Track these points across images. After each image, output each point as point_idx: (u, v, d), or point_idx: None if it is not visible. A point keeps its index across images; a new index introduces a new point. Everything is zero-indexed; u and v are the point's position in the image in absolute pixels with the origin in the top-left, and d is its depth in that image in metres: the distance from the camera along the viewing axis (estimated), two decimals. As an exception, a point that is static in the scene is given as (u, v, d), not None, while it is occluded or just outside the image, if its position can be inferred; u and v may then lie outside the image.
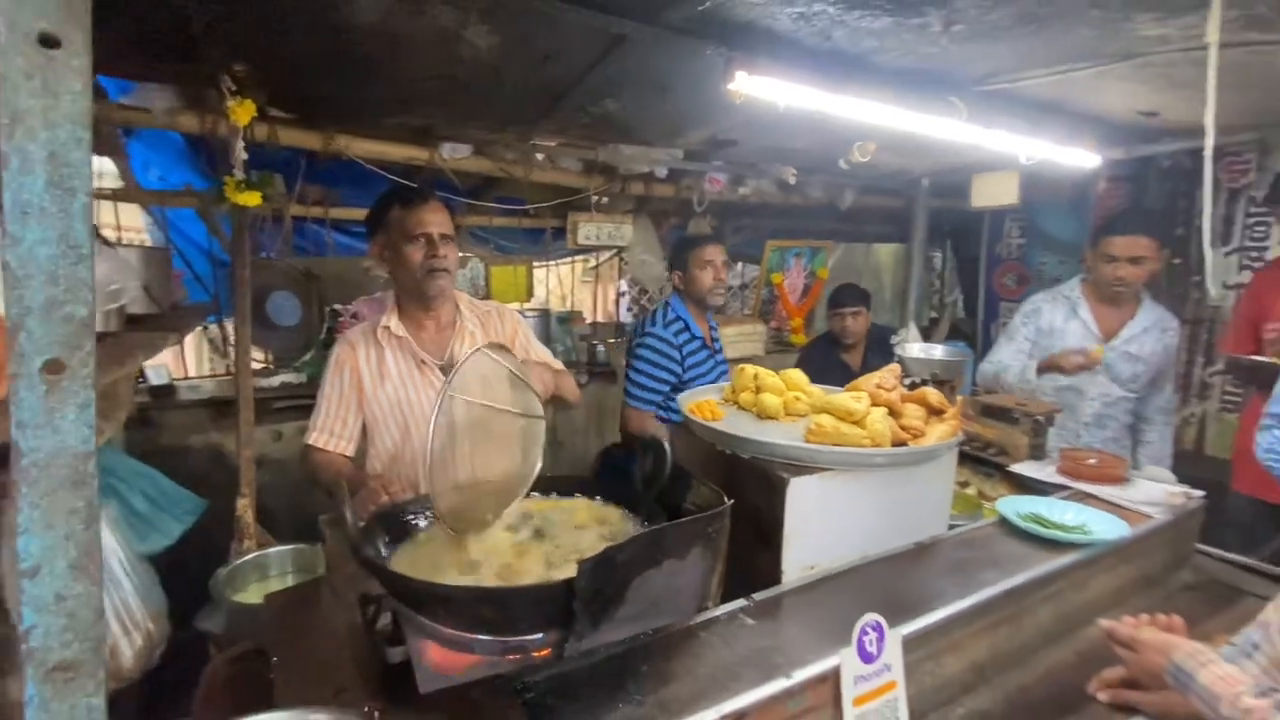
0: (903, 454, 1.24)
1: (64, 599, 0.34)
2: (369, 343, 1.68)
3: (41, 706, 0.34)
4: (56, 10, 0.32)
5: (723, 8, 1.10)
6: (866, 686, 0.98)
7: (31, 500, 0.33)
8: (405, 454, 1.66)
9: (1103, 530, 1.41)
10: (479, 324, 1.86)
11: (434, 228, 1.62)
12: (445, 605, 0.93)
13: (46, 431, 0.33)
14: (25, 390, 0.32)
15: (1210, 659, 0.97)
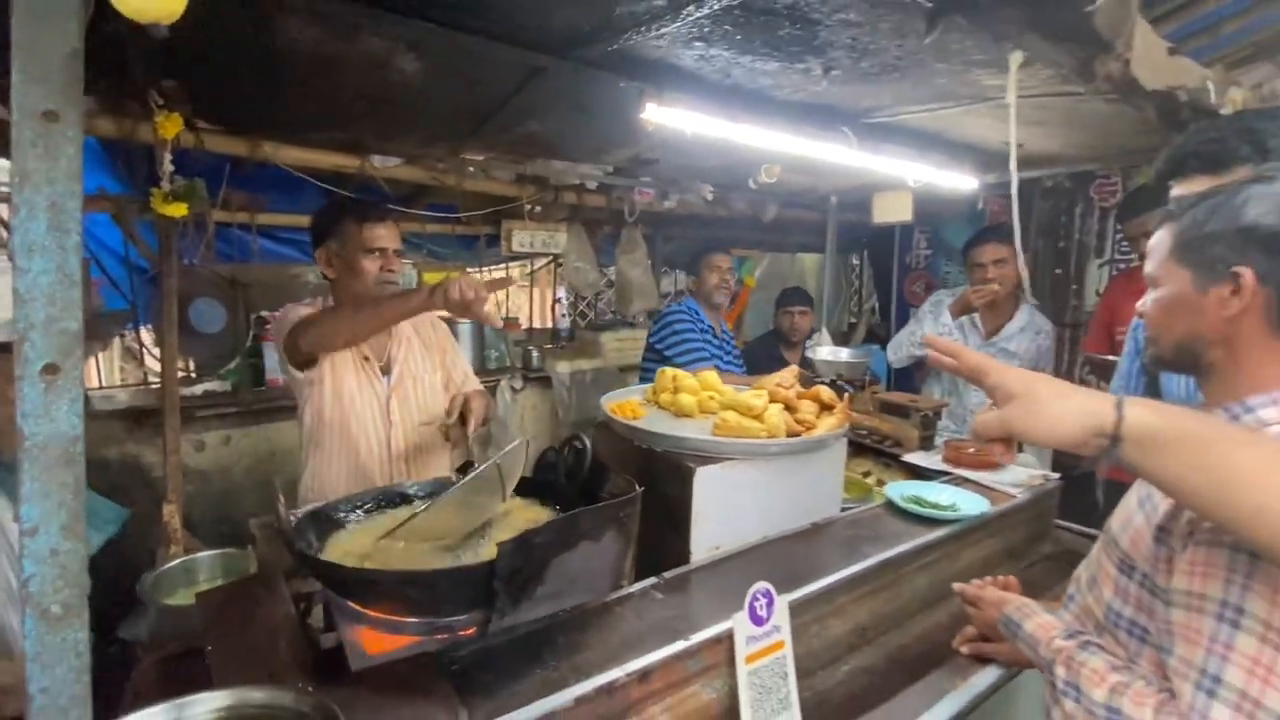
0: (795, 444, 1.41)
1: (57, 553, 0.43)
2: None
3: (38, 640, 0.42)
4: (57, 93, 0.40)
5: (632, 47, 1.23)
6: (757, 646, 1.13)
7: (32, 475, 0.41)
8: (343, 446, 1.73)
9: (969, 508, 1.62)
10: (414, 330, 1.93)
11: (389, 243, 1.70)
12: (375, 589, 1.01)
13: (45, 420, 0.41)
14: (28, 388, 0.40)
15: (1033, 611, 1.16)
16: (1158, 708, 0.81)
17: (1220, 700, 0.75)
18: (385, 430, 1.82)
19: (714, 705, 1.11)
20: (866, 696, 1.26)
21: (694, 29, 1.07)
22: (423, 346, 1.94)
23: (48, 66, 0.40)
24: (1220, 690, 0.75)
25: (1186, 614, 0.81)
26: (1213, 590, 0.79)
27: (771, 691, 1.14)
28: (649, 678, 1.01)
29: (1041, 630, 1.08)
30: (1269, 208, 0.83)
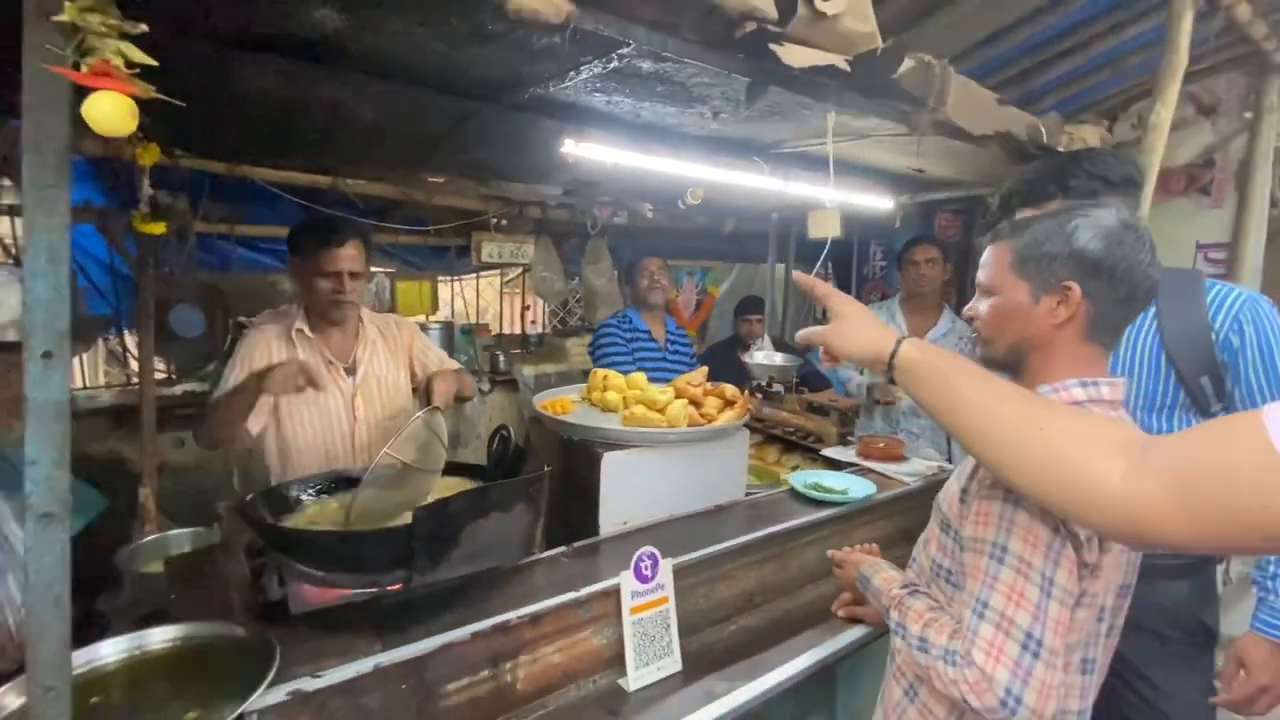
0: (691, 432, 1.62)
1: (49, 478, 0.62)
2: (283, 339, 1.91)
3: (34, 538, 0.62)
4: (53, 173, 0.61)
5: (545, 95, 1.43)
6: (641, 600, 1.33)
7: (34, 426, 0.61)
8: (307, 440, 1.90)
9: (856, 492, 1.84)
10: (379, 333, 2.10)
11: (346, 265, 1.82)
12: (312, 546, 1.21)
13: (43, 389, 0.60)
14: (32, 367, 0.60)
15: (882, 568, 1.37)
16: (951, 635, 1.02)
17: (987, 620, 0.96)
18: (350, 425, 2.00)
19: (604, 650, 1.32)
20: (745, 649, 1.47)
21: (589, 84, 1.28)
22: (387, 348, 2.11)
23: (46, 157, 0.60)
24: (987, 613, 0.96)
25: (972, 556, 1.02)
26: (988, 535, 0.99)
27: (655, 639, 1.34)
28: (540, 621, 1.22)
29: (885, 583, 1.29)
30: (1093, 235, 1.02)
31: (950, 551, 1.13)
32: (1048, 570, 0.94)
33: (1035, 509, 0.95)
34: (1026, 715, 0.92)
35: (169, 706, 0.94)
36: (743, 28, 0.93)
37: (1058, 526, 0.95)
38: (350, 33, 1.04)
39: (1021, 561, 0.96)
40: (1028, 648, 0.93)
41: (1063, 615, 0.95)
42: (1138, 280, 0.99)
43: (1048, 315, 1.05)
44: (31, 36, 0.58)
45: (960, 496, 1.10)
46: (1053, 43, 2.52)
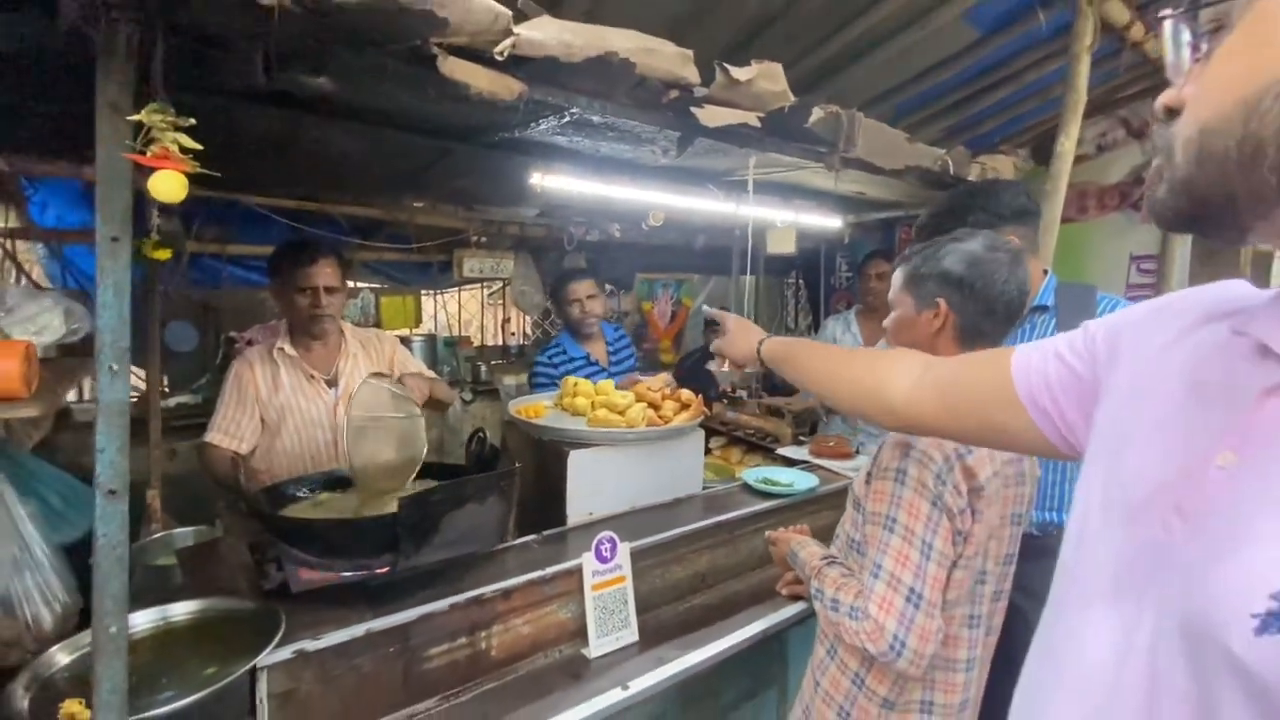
0: (648, 432, 1.81)
1: (114, 462, 0.80)
2: (265, 360, 2.06)
3: (102, 506, 0.80)
4: (119, 226, 0.79)
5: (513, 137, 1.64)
6: (601, 579, 1.52)
7: (104, 422, 0.79)
8: (292, 448, 2.06)
9: (801, 485, 2.04)
10: (360, 346, 2.27)
11: (320, 281, 1.98)
12: (308, 533, 1.38)
13: (111, 393, 0.79)
14: (103, 377, 0.78)
15: (808, 544, 1.55)
16: (855, 595, 1.22)
17: (880, 579, 1.16)
18: (332, 434, 2.17)
19: (569, 623, 1.50)
20: (697, 623, 1.66)
21: (549, 131, 1.48)
22: (369, 361, 2.28)
23: (114, 212, 0.79)
24: (880, 573, 1.16)
25: (871, 527, 1.22)
26: (883, 509, 1.19)
27: (614, 613, 1.53)
28: (511, 595, 1.40)
29: (809, 556, 1.47)
30: (957, 260, 1.26)
31: (859, 525, 1.33)
32: (927, 537, 1.15)
33: (918, 486, 1.15)
34: (910, 655, 1.12)
35: (190, 664, 1.11)
36: (668, 95, 1.13)
37: (935, 500, 1.15)
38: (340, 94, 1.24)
39: (907, 530, 1.16)
40: (911, 600, 1.13)
41: (939, 574, 1.15)
42: (995, 295, 1.21)
43: (927, 324, 1.27)
44: (104, 128, 0.77)
45: (866, 478, 1.30)
46: (985, 75, 2.78)
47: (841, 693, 1.30)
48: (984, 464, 1.18)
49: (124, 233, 0.78)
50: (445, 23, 0.80)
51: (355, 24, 0.79)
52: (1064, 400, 0.69)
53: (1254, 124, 0.43)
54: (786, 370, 1.24)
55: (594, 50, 0.96)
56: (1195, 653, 0.44)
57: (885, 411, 0.96)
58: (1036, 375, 0.72)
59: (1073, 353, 0.69)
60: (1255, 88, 0.43)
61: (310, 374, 2.10)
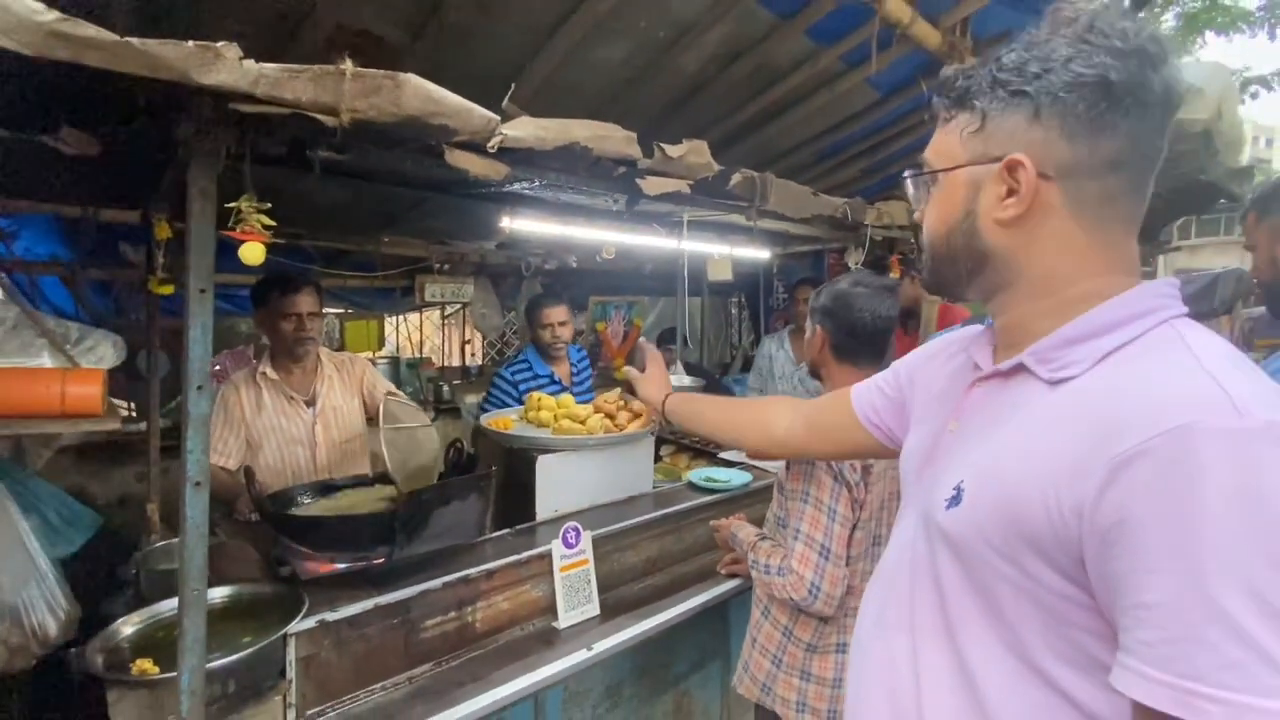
0: (605, 438, 2.11)
1: (199, 460, 1.04)
2: (249, 384, 2.27)
3: (189, 498, 1.04)
4: (205, 279, 1.04)
5: (485, 191, 1.93)
6: (568, 561, 1.80)
7: (193, 428, 1.03)
8: (275, 464, 2.25)
9: (736, 481, 2.37)
10: (335, 369, 2.48)
11: (304, 308, 2.22)
12: (313, 528, 1.61)
13: (198, 406, 1.03)
14: (191, 393, 1.03)
15: (745, 527, 1.87)
16: (782, 558, 1.54)
17: (799, 540, 1.48)
18: (311, 449, 2.36)
19: (541, 600, 1.77)
20: (649, 599, 1.95)
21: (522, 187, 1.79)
22: (342, 382, 2.49)
23: (202, 272, 1.04)
24: (800, 535, 1.48)
25: (791, 502, 1.55)
26: (799, 486, 1.52)
27: (579, 591, 1.81)
28: (493, 576, 1.66)
29: (746, 535, 1.79)
30: (827, 296, 1.62)
31: (781, 504, 1.66)
32: (831, 503, 1.48)
33: (824, 466, 1.49)
34: (823, 598, 1.45)
35: (230, 633, 1.33)
36: (617, 170, 1.46)
37: (837, 475, 1.49)
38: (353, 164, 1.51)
39: (817, 500, 1.49)
40: (822, 554, 1.46)
41: (842, 533, 1.48)
42: (854, 321, 1.57)
43: (816, 347, 1.63)
44: (195, 209, 1.02)
45: (787, 465, 1.64)
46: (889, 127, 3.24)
47: (774, 644, 1.61)
48: None
49: (209, 285, 1.04)
50: (454, 130, 1.10)
51: (387, 133, 1.07)
52: (887, 417, 1.04)
53: (950, 243, 0.76)
54: (687, 424, 1.56)
55: (561, 140, 1.27)
56: (927, 529, 0.78)
57: (770, 443, 1.34)
58: (867, 404, 1.08)
59: (888, 385, 1.05)
60: (947, 225, 0.76)
61: (290, 395, 2.31)
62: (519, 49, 2.03)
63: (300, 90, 0.94)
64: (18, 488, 1.97)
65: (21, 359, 1.15)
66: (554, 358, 2.95)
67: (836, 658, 1.57)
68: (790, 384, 3.62)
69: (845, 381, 1.63)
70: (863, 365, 1.64)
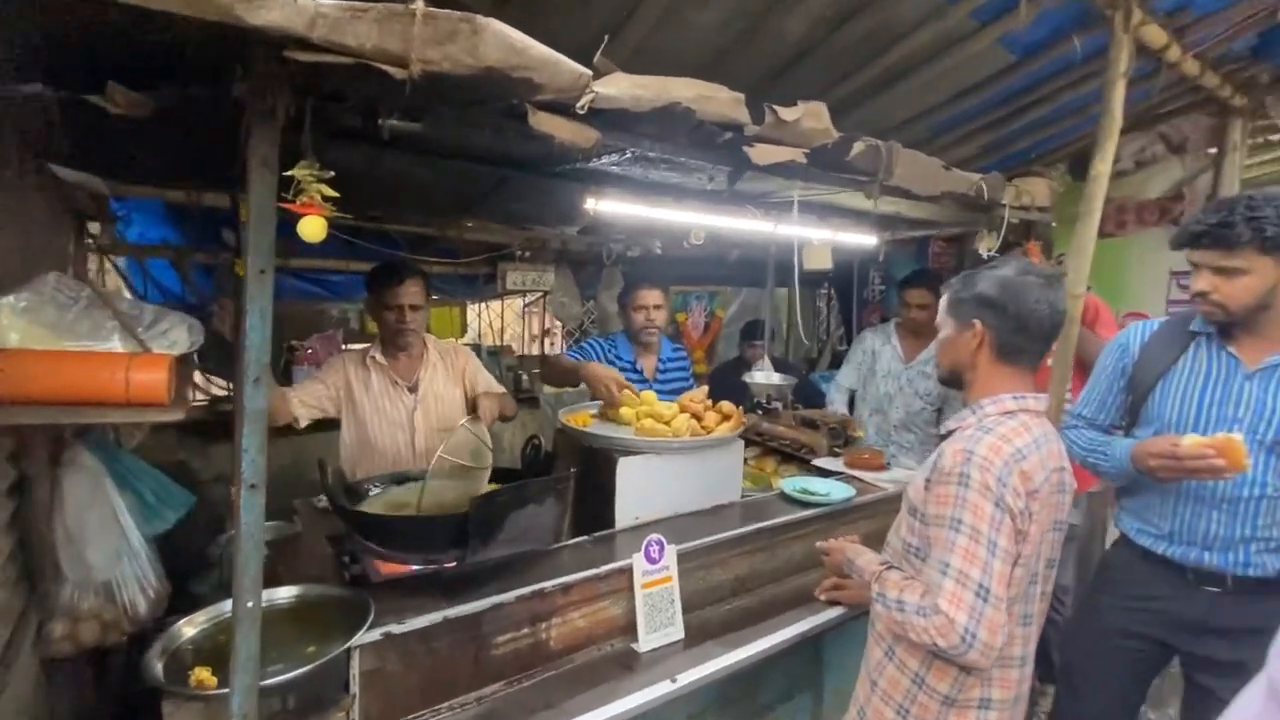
0: (692, 441, 1.92)
1: (255, 460, 0.94)
2: (360, 364, 2.31)
3: (245, 498, 0.94)
4: (265, 259, 0.94)
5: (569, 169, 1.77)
6: (650, 577, 1.63)
7: (249, 426, 0.93)
8: (376, 442, 2.26)
9: (837, 495, 2.12)
10: (440, 357, 2.47)
11: (405, 300, 2.20)
12: (385, 529, 1.52)
13: (254, 401, 0.93)
14: (248, 386, 0.92)
15: (863, 551, 1.61)
16: (922, 595, 1.29)
17: (949, 577, 1.22)
18: (410, 435, 2.36)
19: (620, 617, 1.61)
20: (737, 624, 1.75)
21: (609, 163, 1.61)
22: (445, 371, 2.47)
23: (262, 250, 0.94)
24: (949, 571, 1.23)
25: (935, 529, 1.29)
26: (947, 511, 1.26)
27: (661, 611, 1.64)
28: (570, 591, 1.52)
29: (867, 563, 1.54)
30: (991, 284, 1.34)
31: (917, 530, 1.39)
32: (992, 535, 1.22)
33: (981, 489, 1.23)
34: (980, 648, 1.19)
35: (292, 641, 1.25)
36: (723, 136, 1.25)
37: (998, 501, 1.22)
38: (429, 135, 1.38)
39: (973, 529, 1.23)
40: (980, 595, 1.20)
41: (1004, 570, 1.22)
42: (1026, 314, 1.28)
43: (967, 344, 1.35)
44: (255, 180, 0.91)
45: (924, 485, 1.37)
46: (1020, 96, 2.84)
47: (901, 692, 1.36)
48: (1037, 470, 1.26)
49: (269, 265, 0.93)
50: (540, 86, 0.93)
51: (463, 88, 0.92)
52: None
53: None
54: None
55: (660, 101, 1.08)
56: None
57: None
58: None
59: None
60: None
61: (395, 380, 2.33)
62: (609, 13, 1.85)
63: (364, 34, 0.80)
64: (115, 465, 2.02)
65: (90, 342, 1.10)
66: (645, 345, 2.80)
67: (980, 714, 1.31)
68: (895, 384, 3.27)
69: (1002, 387, 1.35)
70: (1024, 368, 1.36)
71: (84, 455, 1.90)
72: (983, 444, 1.26)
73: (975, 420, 1.35)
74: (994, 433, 1.28)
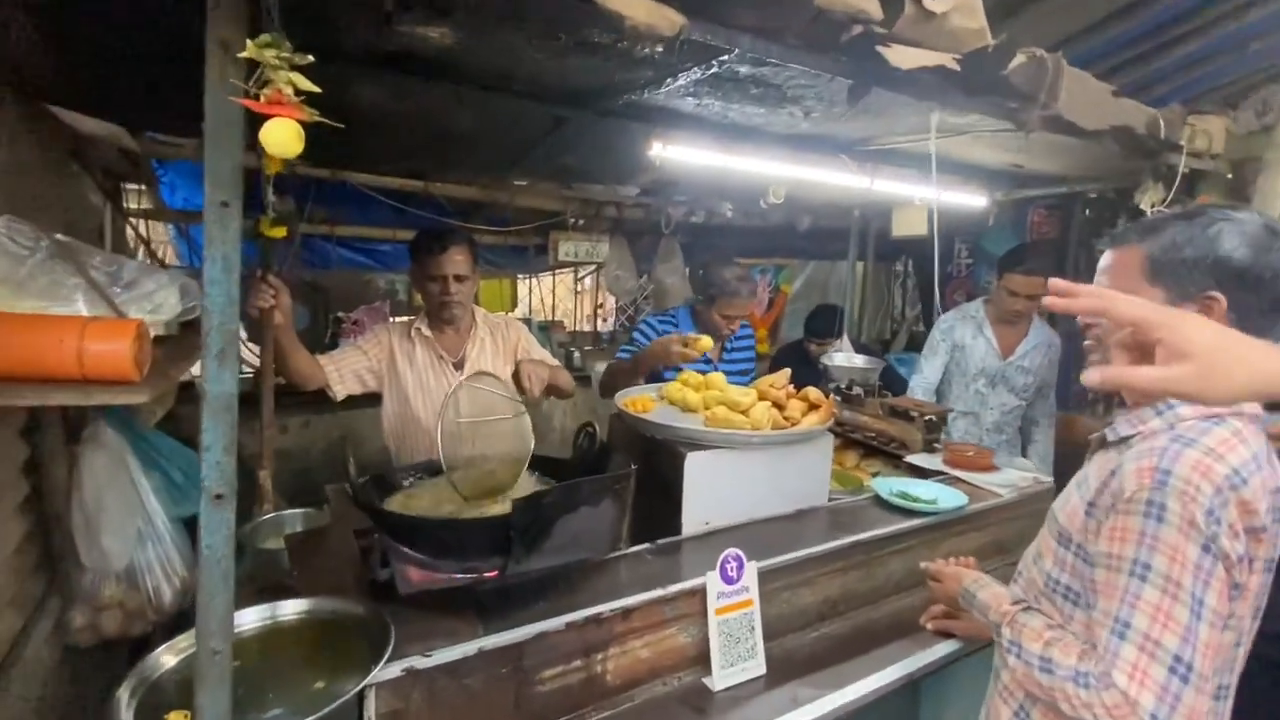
0: (775, 435, 1.61)
1: (220, 464, 0.70)
2: (405, 336, 2.14)
3: (208, 513, 0.70)
4: (228, 190, 0.68)
5: (636, 101, 1.46)
6: (727, 601, 1.34)
7: (209, 416, 0.69)
8: (420, 419, 2.09)
9: (947, 502, 1.77)
10: (489, 332, 2.27)
11: (450, 269, 2.00)
12: (417, 532, 1.29)
13: (217, 384, 0.68)
14: (210, 362, 0.68)
15: (987, 583, 1.29)
16: (1081, 655, 0.96)
17: (1129, 642, 0.90)
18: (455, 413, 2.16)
19: (689, 647, 1.34)
20: (828, 657, 1.45)
21: (682, 90, 1.30)
22: (495, 346, 2.27)
23: (222, 175, 0.68)
24: (1129, 633, 0.90)
25: (1106, 573, 0.96)
26: (1127, 551, 0.93)
27: (739, 640, 1.35)
28: (630, 616, 1.25)
29: (993, 599, 1.21)
30: (1239, 242, 0.95)
31: (1071, 566, 1.06)
32: (1197, 590, 0.88)
33: (1183, 526, 0.88)
34: None
35: (300, 674, 1.03)
36: (849, 30, 0.92)
37: (1208, 544, 0.88)
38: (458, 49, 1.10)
39: (1168, 581, 0.89)
40: (1176, 671, 0.87)
41: (1213, 638, 0.88)
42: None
43: None
44: (213, 71, 0.65)
45: (1086, 510, 1.03)
46: (1170, 26, 2.33)
47: None
48: (1260, 495, 0.90)
49: (234, 197, 0.67)
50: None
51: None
52: None
53: None
54: None
55: (771, -28, 0.77)
56: None
57: None
58: None
59: None
60: None
61: (441, 355, 2.16)
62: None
63: None
64: (140, 443, 1.87)
65: (46, 302, 0.88)
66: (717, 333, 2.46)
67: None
68: (987, 382, 2.82)
69: None
70: None
71: (105, 432, 1.75)
72: (1184, 462, 0.90)
73: (1163, 426, 0.99)
74: (1198, 445, 0.92)
